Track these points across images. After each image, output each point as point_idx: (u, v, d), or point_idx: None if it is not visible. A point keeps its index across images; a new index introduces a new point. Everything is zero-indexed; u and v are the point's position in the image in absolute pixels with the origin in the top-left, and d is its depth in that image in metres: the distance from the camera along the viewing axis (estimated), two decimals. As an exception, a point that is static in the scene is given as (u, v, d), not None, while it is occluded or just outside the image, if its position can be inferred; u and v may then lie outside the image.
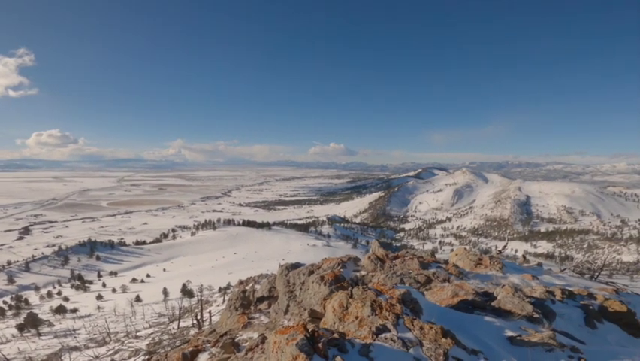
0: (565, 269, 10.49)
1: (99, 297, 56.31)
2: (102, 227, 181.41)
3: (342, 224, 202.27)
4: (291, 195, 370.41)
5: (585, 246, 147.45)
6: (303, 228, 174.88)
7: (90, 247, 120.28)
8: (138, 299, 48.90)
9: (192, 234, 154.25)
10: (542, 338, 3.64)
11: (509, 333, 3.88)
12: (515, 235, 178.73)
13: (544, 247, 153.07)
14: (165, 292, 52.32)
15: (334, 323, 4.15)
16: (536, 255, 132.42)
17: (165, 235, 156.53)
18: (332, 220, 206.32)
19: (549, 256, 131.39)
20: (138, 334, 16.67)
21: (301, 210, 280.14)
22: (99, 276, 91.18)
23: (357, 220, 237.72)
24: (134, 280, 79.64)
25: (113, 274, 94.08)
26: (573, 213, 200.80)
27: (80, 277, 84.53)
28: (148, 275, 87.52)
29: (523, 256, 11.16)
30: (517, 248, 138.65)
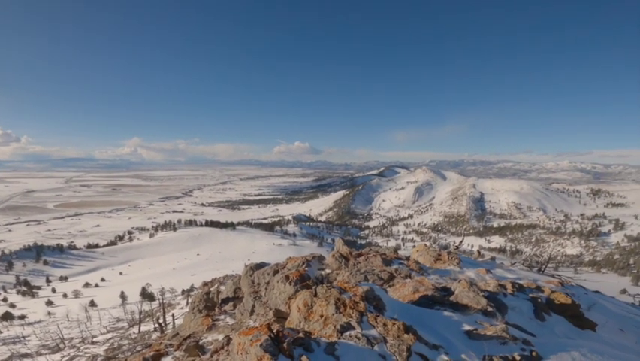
0: (515, 263, 11.20)
1: (49, 303, 54.50)
2: (49, 230, 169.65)
3: (307, 223, 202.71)
4: (256, 195, 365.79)
5: (533, 240, 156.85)
6: (269, 227, 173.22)
7: (36, 252, 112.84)
8: (93, 304, 47.02)
9: (151, 236, 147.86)
10: (496, 331, 3.84)
11: (467, 327, 4.05)
12: (471, 231, 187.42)
13: (497, 241, 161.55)
14: (123, 296, 50.61)
15: (300, 323, 4.16)
16: (490, 249, 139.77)
17: (121, 238, 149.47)
18: (298, 219, 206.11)
19: (501, 250, 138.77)
20: (95, 339, 15.89)
21: (266, 209, 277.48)
22: (48, 281, 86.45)
23: (323, 219, 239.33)
24: (87, 284, 76.43)
25: (64, 279, 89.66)
26: (522, 209, 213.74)
27: (26, 283, 79.83)
28: (103, 279, 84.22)
29: (478, 251, 11.77)
30: (473, 243, 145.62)
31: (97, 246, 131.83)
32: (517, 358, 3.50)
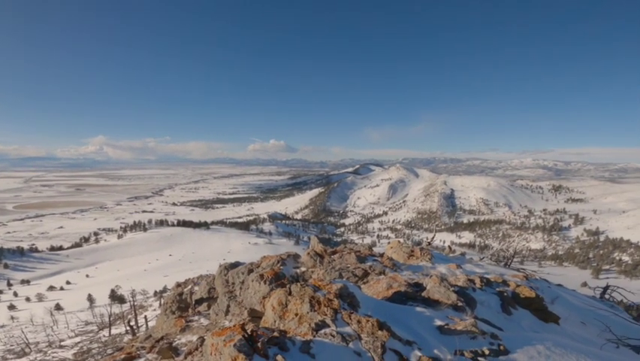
0: (483, 258, 11.65)
1: (11, 307, 51.33)
2: (9, 233, 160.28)
3: (283, 221, 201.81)
4: (230, 193, 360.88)
5: (500, 235, 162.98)
6: (244, 226, 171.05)
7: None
8: (59, 308, 45.01)
9: (119, 237, 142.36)
10: (466, 326, 3.95)
11: (438, 322, 4.14)
12: (443, 227, 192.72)
13: (467, 237, 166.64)
14: (91, 298, 48.77)
15: (275, 322, 4.14)
16: (461, 245, 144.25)
17: (86, 239, 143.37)
18: (273, 217, 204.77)
19: (471, 246, 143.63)
20: (63, 343, 15.56)
21: (241, 208, 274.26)
22: (9, 285, 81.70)
23: (299, 217, 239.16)
24: (51, 287, 73.07)
25: (26, 282, 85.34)
26: (489, 205, 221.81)
27: (-16, 287, 74.78)
28: (68, 282, 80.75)
29: (449, 247, 12.15)
30: (444, 239, 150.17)
31: (61, 248, 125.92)
32: (487, 352, 3.60)
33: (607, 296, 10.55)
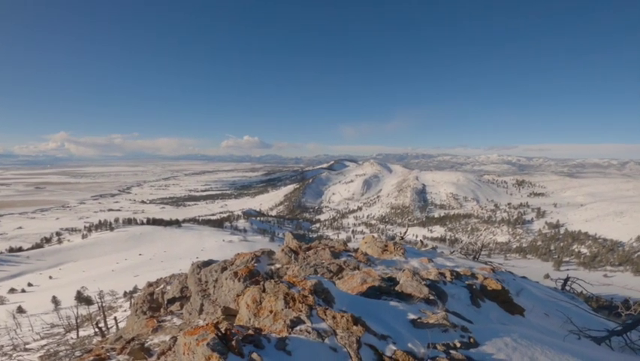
0: (454, 251, 12.04)
1: None
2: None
3: (258, 218, 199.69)
4: (203, 190, 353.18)
5: (469, 229, 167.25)
6: (218, 223, 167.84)
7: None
8: (21, 310, 42.62)
9: (84, 236, 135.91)
10: (438, 319, 4.05)
11: (411, 316, 4.21)
12: (415, 221, 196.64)
13: (438, 231, 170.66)
14: (55, 300, 46.43)
15: (249, 319, 4.11)
16: (432, 239, 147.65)
17: (48, 240, 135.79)
18: (248, 214, 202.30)
19: (442, 240, 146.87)
20: (28, 346, 14.94)
21: (214, 205, 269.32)
22: (-35, 288, 75.75)
23: (274, 213, 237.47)
24: (12, 290, 69.06)
25: None
26: (459, 200, 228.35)
27: (-61, 290, 69.18)
28: (30, 284, 76.55)
29: (421, 241, 12.47)
30: (417, 233, 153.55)
31: (20, 249, 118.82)
32: (458, 345, 3.70)
33: (568, 288, 11.15)
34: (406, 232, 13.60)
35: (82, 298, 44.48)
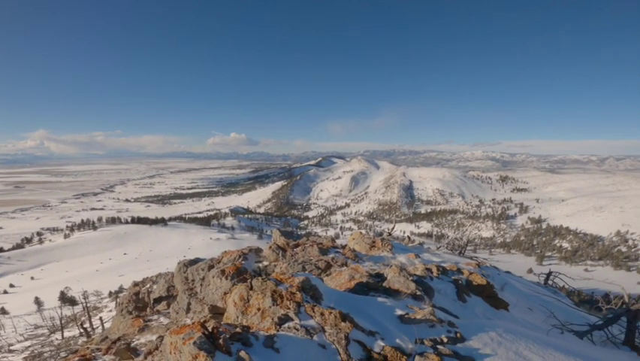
0: (440, 247, 12.21)
1: None
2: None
3: (246, 215, 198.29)
4: (189, 188, 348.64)
5: (455, 224, 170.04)
6: (205, 221, 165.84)
7: None
8: (4, 312, 41.71)
9: (66, 236, 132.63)
10: (425, 314, 4.09)
11: (399, 312, 4.25)
12: (402, 217, 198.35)
13: (425, 227, 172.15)
14: (38, 301, 45.58)
15: (237, 317, 4.09)
16: (419, 234, 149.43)
17: (28, 240, 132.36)
18: (235, 212, 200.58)
19: (429, 235, 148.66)
20: (12, 348, 14.60)
21: (201, 203, 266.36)
22: (-56, 290, 73.56)
23: (262, 210, 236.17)
24: (-7, 291, 67.51)
25: None
26: (445, 195, 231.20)
27: None
28: (11, 285, 75.04)
29: (408, 237, 12.59)
30: (404, 229, 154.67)
31: (1, 250, 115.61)
32: (445, 340, 3.75)
33: (550, 282, 11.43)
34: (393, 228, 13.71)
35: (66, 299, 43.84)
